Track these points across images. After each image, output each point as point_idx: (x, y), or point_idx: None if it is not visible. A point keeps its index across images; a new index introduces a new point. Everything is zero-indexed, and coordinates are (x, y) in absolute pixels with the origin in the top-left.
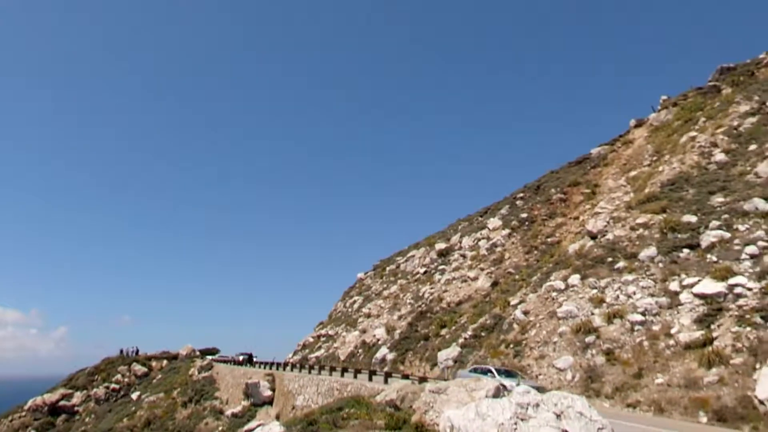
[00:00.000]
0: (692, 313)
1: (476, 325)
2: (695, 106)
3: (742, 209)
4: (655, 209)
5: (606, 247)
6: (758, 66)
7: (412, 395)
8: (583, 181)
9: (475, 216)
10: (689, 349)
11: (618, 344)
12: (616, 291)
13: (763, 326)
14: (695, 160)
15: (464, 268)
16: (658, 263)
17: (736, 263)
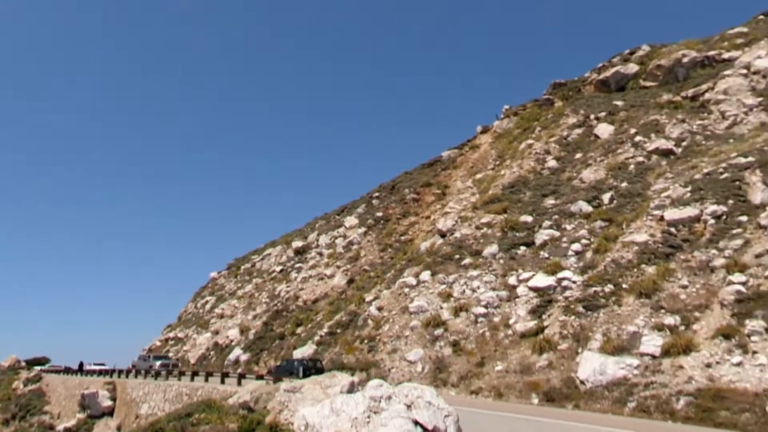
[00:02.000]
0: (527, 305)
1: (332, 322)
2: (532, 116)
3: (569, 211)
4: (497, 210)
5: (454, 245)
6: (584, 83)
7: (267, 396)
8: (435, 182)
9: (333, 214)
10: (524, 338)
11: (463, 336)
12: (463, 286)
13: (585, 315)
14: (532, 165)
15: (321, 266)
16: (500, 260)
17: (563, 259)
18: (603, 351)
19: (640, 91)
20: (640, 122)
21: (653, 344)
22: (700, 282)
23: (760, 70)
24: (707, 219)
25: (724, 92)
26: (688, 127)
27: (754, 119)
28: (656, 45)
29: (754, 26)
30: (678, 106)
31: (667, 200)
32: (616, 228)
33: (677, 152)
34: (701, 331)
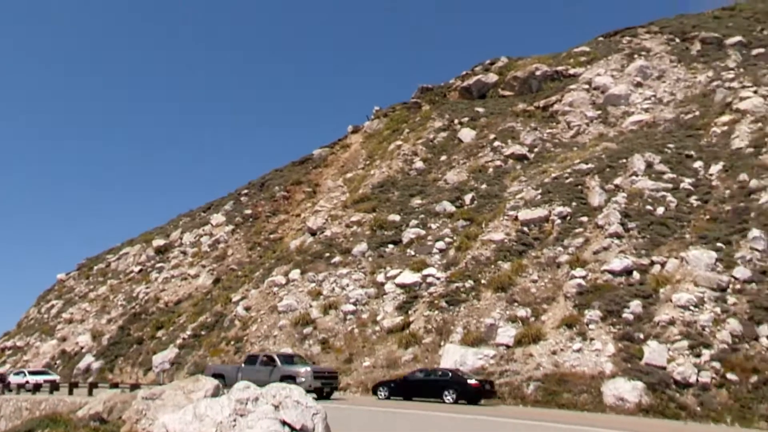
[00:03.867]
0: (394, 301)
1: (196, 324)
2: (401, 118)
3: (434, 210)
4: (367, 209)
5: (324, 243)
6: (449, 89)
7: (122, 405)
8: (306, 180)
9: (198, 211)
10: (391, 333)
11: (332, 333)
12: (332, 284)
13: (447, 309)
14: (400, 166)
15: (185, 265)
16: (368, 257)
17: (428, 256)
18: (463, 343)
19: (498, 100)
20: (499, 128)
21: (507, 335)
22: (548, 277)
23: (599, 86)
24: (555, 219)
25: (569, 104)
26: (540, 135)
27: (593, 130)
28: (513, 58)
29: (595, 46)
30: (531, 115)
31: (521, 201)
32: (476, 227)
33: (530, 157)
34: (548, 321)
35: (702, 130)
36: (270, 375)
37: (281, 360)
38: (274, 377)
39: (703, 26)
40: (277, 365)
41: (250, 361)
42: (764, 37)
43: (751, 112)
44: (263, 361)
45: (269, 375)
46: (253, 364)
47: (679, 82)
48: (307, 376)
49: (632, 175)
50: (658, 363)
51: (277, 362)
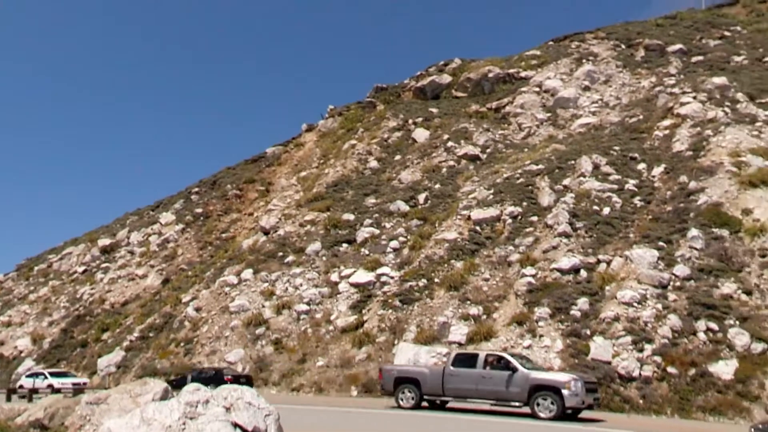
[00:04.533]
0: (348, 301)
1: (144, 325)
2: (356, 117)
3: (388, 209)
4: (321, 208)
5: (277, 243)
6: (404, 89)
7: (65, 410)
8: (259, 178)
9: (146, 210)
10: (345, 333)
11: (286, 333)
12: (286, 283)
13: (401, 308)
14: (354, 165)
15: (132, 265)
16: (322, 257)
17: (382, 255)
18: (417, 341)
19: (452, 101)
20: (452, 129)
21: (460, 333)
22: (499, 275)
23: (549, 89)
24: (506, 219)
25: (521, 106)
26: (492, 136)
27: (543, 132)
28: (466, 59)
29: (545, 50)
30: (484, 116)
31: (473, 201)
32: (430, 226)
33: (482, 158)
34: (500, 319)
35: (645, 133)
36: (508, 384)
37: (521, 362)
38: (517, 387)
39: (646, 33)
40: (517, 370)
41: (462, 362)
42: (703, 46)
43: (690, 117)
44: (490, 363)
45: (506, 383)
46: (470, 366)
47: (624, 86)
48: (578, 387)
49: (580, 176)
50: (604, 358)
51: (516, 365)
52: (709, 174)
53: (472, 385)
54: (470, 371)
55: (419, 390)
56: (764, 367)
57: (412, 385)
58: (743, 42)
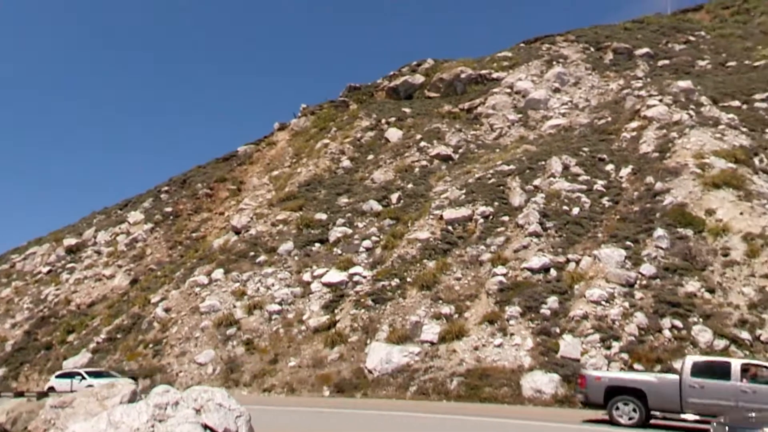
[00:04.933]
0: (321, 300)
1: (111, 327)
2: (329, 116)
3: (361, 209)
4: (293, 207)
5: (249, 242)
6: (377, 89)
7: (28, 414)
8: (230, 177)
9: (114, 209)
10: (317, 333)
11: (257, 334)
12: (257, 283)
13: (374, 308)
14: (327, 164)
15: (99, 265)
16: (294, 256)
17: (355, 255)
18: (389, 341)
19: (425, 101)
20: (425, 129)
21: (432, 332)
22: (471, 274)
23: (520, 91)
24: (478, 218)
25: (492, 107)
26: (464, 136)
27: (515, 132)
28: (439, 60)
29: (517, 52)
30: (456, 117)
31: (445, 201)
32: (402, 226)
33: (455, 158)
34: (471, 318)
35: (613, 135)
36: None
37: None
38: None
39: (615, 37)
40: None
41: (708, 371)
42: (669, 50)
43: (656, 119)
44: (752, 374)
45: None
46: (722, 378)
47: (593, 89)
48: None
49: (550, 176)
50: (573, 356)
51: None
52: (674, 175)
53: (730, 400)
54: (723, 384)
55: (644, 404)
56: None
57: (634, 396)
58: (707, 47)
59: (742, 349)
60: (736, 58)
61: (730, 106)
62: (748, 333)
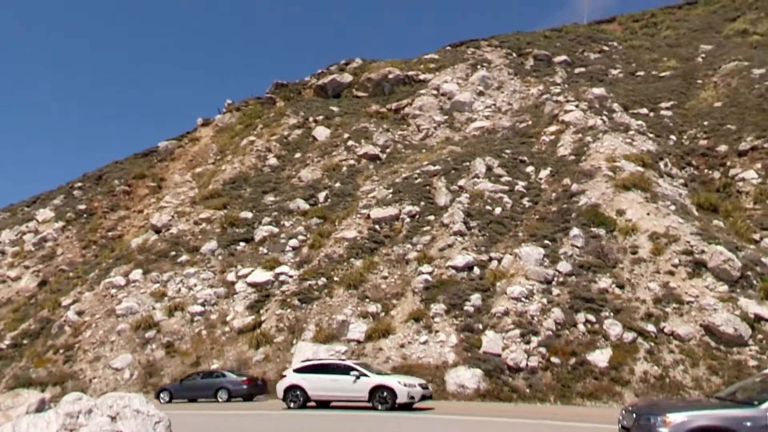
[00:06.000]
0: (245, 301)
1: (17, 332)
2: (255, 113)
3: (288, 208)
4: (217, 205)
5: (170, 241)
6: (305, 87)
7: None
8: (150, 174)
9: (20, 206)
10: (242, 334)
11: (178, 336)
12: (179, 284)
13: (300, 307)
14: (253, 162)
15: (3, 266)
16: (218, 256)
17: (281, 254)
18: (315, 340)
19: (353, 100)
20: (353, 128)
21: (359, 330)
22: (397, 273)
23: (446, 93)
24: (404, 218)
25: (419, 108)
26: (392, 136)
27: (441, 133)
28: (367, 60)
29: (443, 55)
30: (384, 117)
31: (373, 200)
32: (329, 225)
33: (382, 158)
34: (397, 316)
35: (534, 138)
36: None
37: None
38: None
39: (535, 44)
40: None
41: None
42: (585, 58)
43: (573, 124)
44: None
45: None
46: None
47: (515, 93)
48: None
49: (474, 177)
50: (494, 351)
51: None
52: (588, 177)
53: None
54: None
55: None
56: (634, 354)
57: None
58: (619, 57)
59: (648, 341)
60: (644, 69)
61: (638, 113)
62: (653, 326)
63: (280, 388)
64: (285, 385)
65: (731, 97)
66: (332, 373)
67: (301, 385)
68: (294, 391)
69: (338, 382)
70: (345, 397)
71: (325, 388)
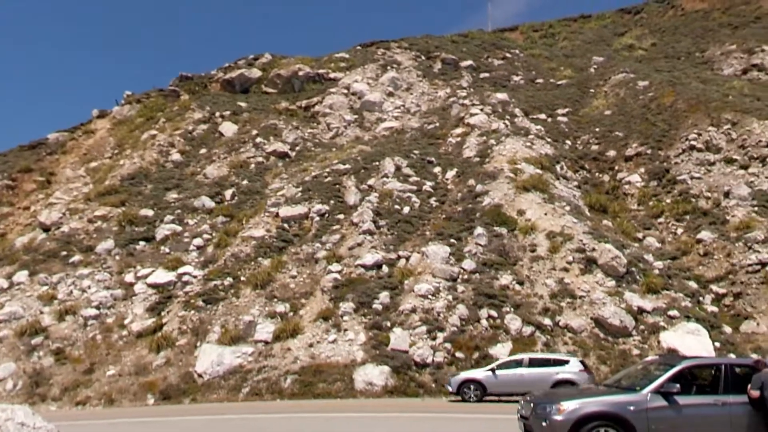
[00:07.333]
0: (145, 303)
1: None
2: (157, 106)
3: (192, 205)
4: (114, 202)
5: (61, 240)
6: (211, 80)
7: None
8: (37, 168)
9: None
10: (141, 337)
11: (69, 342)
12: (70, 286)
13: (205, 308)
14: (155, 157)
15: None
16: (116, 256)
17: (185, 254)
18: (221, 342)
19: (261, 96)
20: (261, 125)
21: (266, 331)
22: (306, 272)
23: (357, 92)
24: (314, 216)
25: (329, 107)
26: (301, 134)
27: (351, 133)
28: (277, 55)
29: (353, 54)
30: (293, 114)
31: (282, 199)
32: (236, 223)
33: (291, 156)
34: (306, 315)
35: (441, 139)
36: None
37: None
38: None
39: (443, 48)
40: None
41: None
42: (489, 64)
43: (478, 127)
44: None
45: None
46: None
47: (423, 95)
48: None
49: (383, 176)
50: (402, 348)
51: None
52: (492, 179)
53: None
54: None
55: None
56: (532, 347)
57: None
58: (520, 64)
59: (544, 334)
60: (543, 76)
61: (538, 118)
62: (549, 320)
63: None
64: None
65: (619, 106)
66: None
67: None
68: None
69: None
70: None
71: None
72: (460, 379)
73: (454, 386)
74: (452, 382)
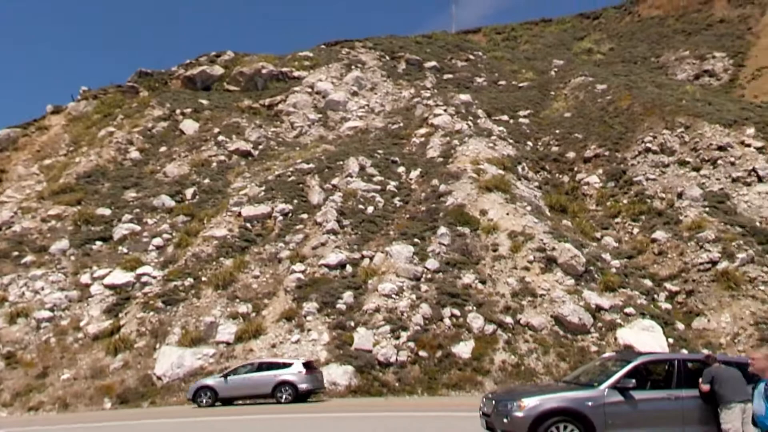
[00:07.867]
0: (102, 304)
1: None
2: (115, 102)
3: (151, 204)
4: (69, 201)
5: (12, 240)
6: (171, 77)
7: None
8: None
9: None
10: (97, 340)
11: (21, 345)
12: (22, 288)
13: (164, 310)
14: (112, 155)
15: None
16: (71, 256)
17: (144, 254)
18: (181, 344)
19: (224, 94)
20: (223, 123)
21: (228, 332)
22: (269, 272)
23: (321, 91)
24: (277, 216)
25: (293, 106)
26: (264, 133)
27: (315, 132)
28: (240, 53)
29: (318, 53)
30: (257, 113)
31: (244, 198)
32: (197, 223)
33: (254, 154)
34: (269, 315)
35: (405, 139)
36: None
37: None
38: None
39: (407, 48)
40: None
41: None
42: (452, 65)
43: (441, 128)
44: None
45: None
46: None
47: (388, 95)
48: None
49: (347, 176)
50: (366, 347)
51: None
52: (455, 179)
53: None
54: None
55: None
56: (494, 345)
57: None
58: (483, 66)
59: (506, 332)
60: (505, 78)
61: (500, 119)
62: (511, 318)
63: None
64: None
65: (578, 109)
66: None
67: None
68: None
69: None
70: None
71: None
72: (195, 386)
73: (190, 393)
74: (190, 389)
